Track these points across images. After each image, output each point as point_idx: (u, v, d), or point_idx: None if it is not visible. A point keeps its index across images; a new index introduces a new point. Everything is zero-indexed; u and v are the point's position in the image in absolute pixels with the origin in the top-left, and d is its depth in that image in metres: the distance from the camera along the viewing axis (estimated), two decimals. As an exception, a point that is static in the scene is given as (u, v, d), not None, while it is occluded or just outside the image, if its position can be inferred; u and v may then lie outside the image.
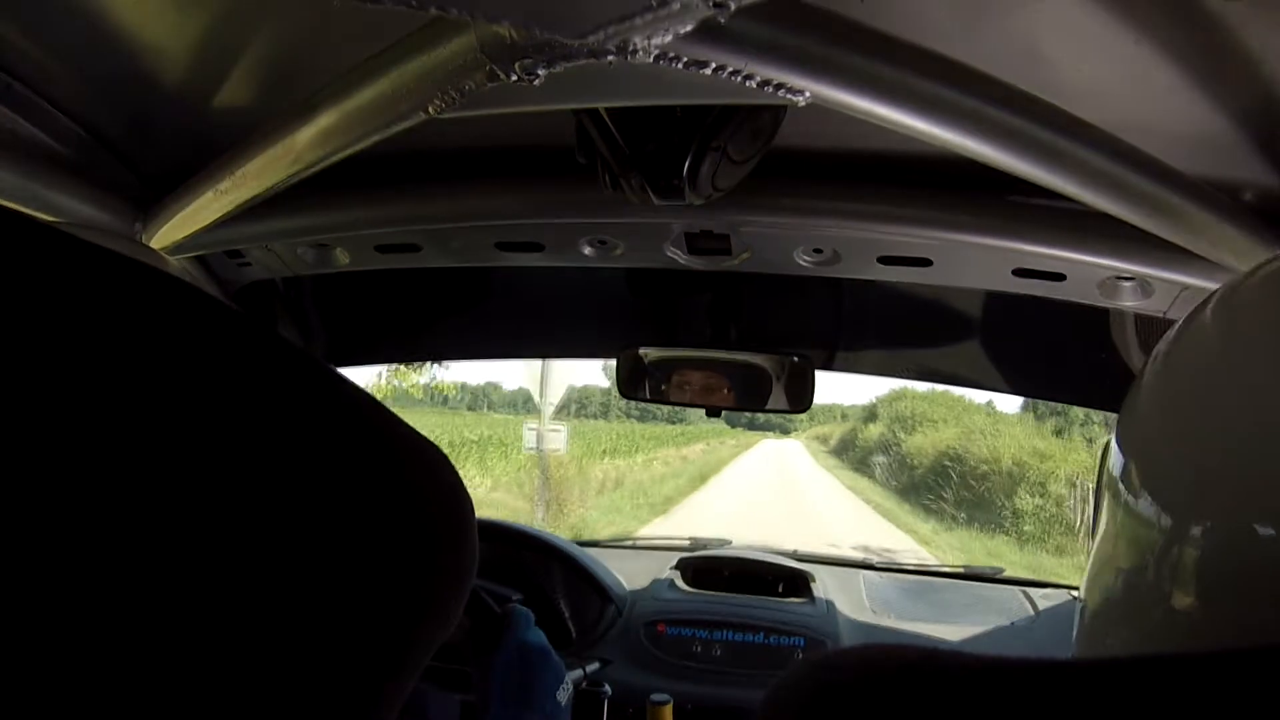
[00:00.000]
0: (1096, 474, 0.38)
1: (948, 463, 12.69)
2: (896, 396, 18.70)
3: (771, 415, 1.24)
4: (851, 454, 20.53)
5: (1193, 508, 0.28)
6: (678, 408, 1.20)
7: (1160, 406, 0.32)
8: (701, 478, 14.93)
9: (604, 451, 16.97)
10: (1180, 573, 0.28)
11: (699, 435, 26.55)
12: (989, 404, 16.39)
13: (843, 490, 14.34)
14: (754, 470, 17.89)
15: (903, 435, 16.21)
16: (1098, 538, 0.35)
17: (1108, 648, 0.33)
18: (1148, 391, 0.34)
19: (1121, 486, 0.33)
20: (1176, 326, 0.33)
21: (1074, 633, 0.37)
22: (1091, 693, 0.17)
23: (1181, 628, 0.28)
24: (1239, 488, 0.26)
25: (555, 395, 7.89)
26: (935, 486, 12.41)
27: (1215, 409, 0.28)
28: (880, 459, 16.73)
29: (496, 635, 0.64)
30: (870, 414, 21.85)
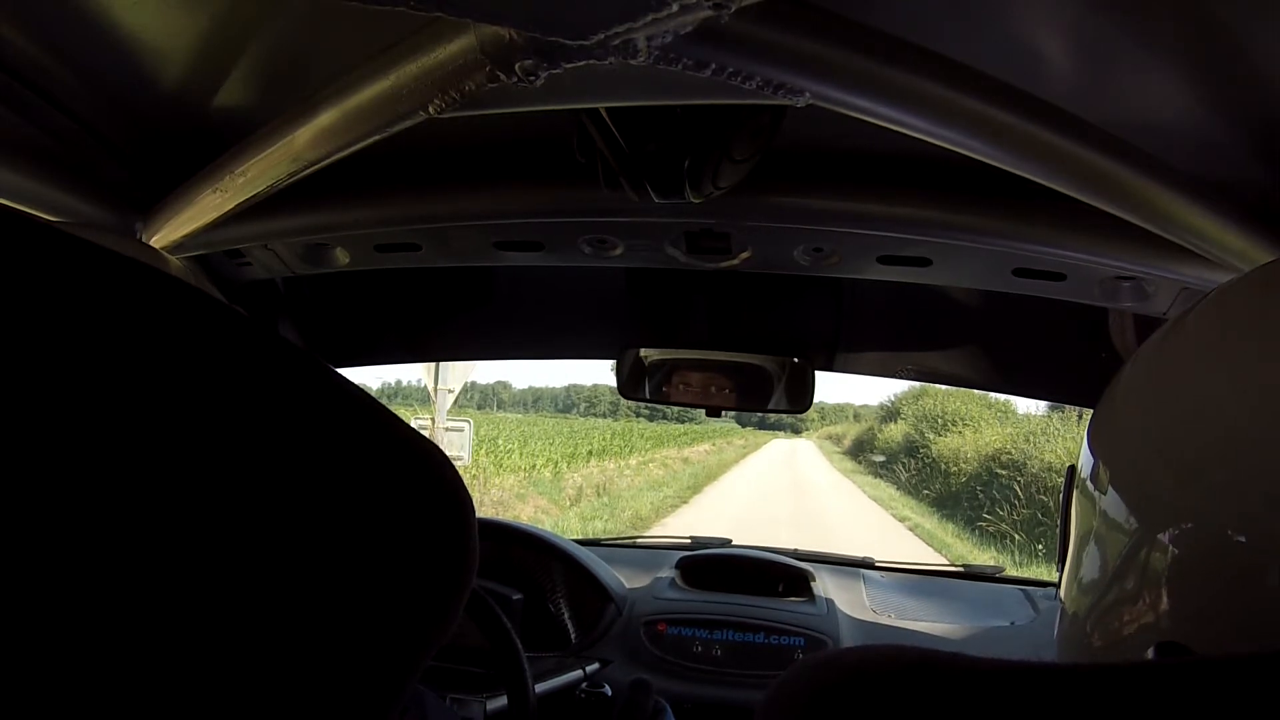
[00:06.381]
0: (1066, 476, 0.38)
1: (1000, 470, 10.64)
2: (920, 393, 16.99)
3: (782, 415, 1.24)
4: (870, 456, 18.97)
5: (1168, 508, 0.28)
6: (685, 408, 1.21)
7: (1143, 407, 0.32)
8: (694, 488, 12.55)
9: (590, 453, 15.58)
10: (1151, 574, 0.28)
11: (705, 435, 26.08)
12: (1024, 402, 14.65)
13: (868, 503, 12.02)
14: (760, 476, 16.25)
15: (932, 436, 14.56)
16: (1071, 539, 0.35)
17: (1086, 648, 0.33)
18: (1128, 392, 0.33)
19: (1092, 487, 0.33)
20: (1160, 331, 0.33)
21: (1054, 633, 0.37)
22: (1090, 697, 0.17)
23: (1154, 628, 0.28)
24: (1217, 489, 0.26)
25: (457, 384, 6.06)
26: (986, 500, 10.36)
27: (1203, 411, 0.28)
28: (906, 463, 15.15)
29: None
30: (890, 413, 20.48)
